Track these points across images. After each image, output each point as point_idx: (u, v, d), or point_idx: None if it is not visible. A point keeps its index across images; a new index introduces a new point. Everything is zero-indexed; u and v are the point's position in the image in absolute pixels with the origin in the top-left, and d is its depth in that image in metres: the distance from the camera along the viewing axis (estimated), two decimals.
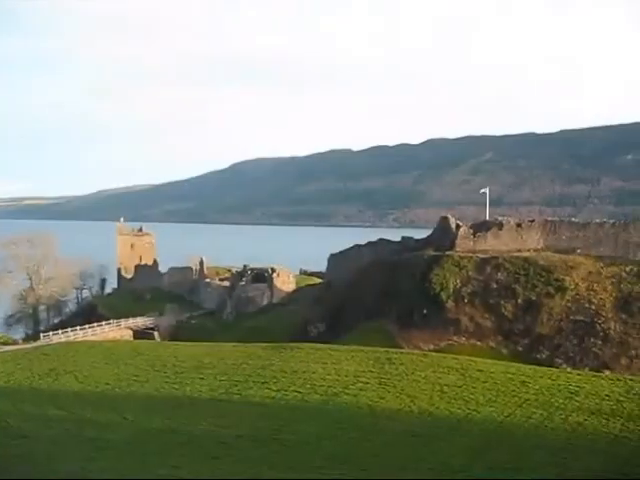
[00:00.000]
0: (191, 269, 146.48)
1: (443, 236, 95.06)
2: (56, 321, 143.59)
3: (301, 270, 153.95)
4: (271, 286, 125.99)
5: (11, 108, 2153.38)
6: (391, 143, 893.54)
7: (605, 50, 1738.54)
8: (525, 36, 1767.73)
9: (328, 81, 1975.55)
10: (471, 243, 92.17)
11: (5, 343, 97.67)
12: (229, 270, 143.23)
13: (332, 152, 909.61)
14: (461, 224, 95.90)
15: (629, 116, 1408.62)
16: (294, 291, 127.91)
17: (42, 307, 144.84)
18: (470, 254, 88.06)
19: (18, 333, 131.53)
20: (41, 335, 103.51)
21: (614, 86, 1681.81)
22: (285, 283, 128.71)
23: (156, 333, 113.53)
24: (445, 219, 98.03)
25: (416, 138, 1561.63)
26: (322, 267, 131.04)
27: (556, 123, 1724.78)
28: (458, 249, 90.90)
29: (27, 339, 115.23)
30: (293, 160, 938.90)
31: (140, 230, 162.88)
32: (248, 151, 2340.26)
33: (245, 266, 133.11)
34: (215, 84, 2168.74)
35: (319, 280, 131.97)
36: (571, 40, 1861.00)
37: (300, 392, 53.86)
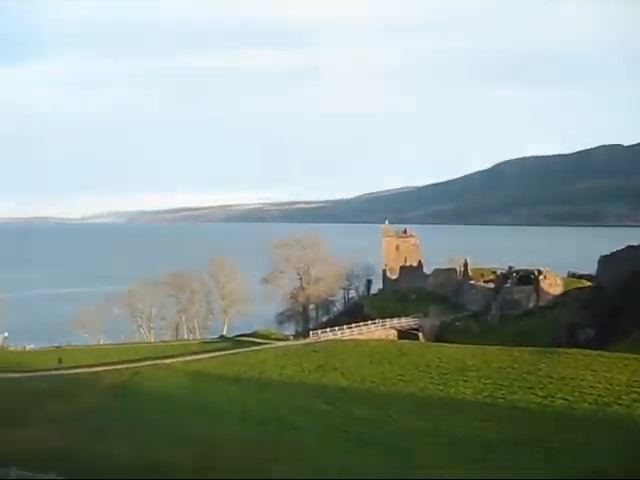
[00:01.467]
0: (455, 270, 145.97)
1: None
2: (324, 319, 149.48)
3: (569, 272, 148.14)
4: (537, 288, 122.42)
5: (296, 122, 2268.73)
6: None
7: None
8: None
9: (591, 75, 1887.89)
10: None
11: (277, 339, 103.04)
12: (494, 272, 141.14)
13: (601, 148, 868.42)
14: None
15: None
16: (561, 294, 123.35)
17: (311, 306, 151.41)
18: None
19: (289, 330, 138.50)
20: (310, 333, 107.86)
21: None
22: (552, 285, 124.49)
23: (420, 334, 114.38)
24: None
25: None
26: (592, 270, 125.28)
27: None
28: None
29: (297, 336, 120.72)
30: (559, 158, 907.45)
31: (404, 232, 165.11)
32: (512, 150, 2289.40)
33: (510, 268, 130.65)
34: (476, 83, 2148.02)
35: (588, 283, 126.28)
36: None
37: (567, 399, 51.69)
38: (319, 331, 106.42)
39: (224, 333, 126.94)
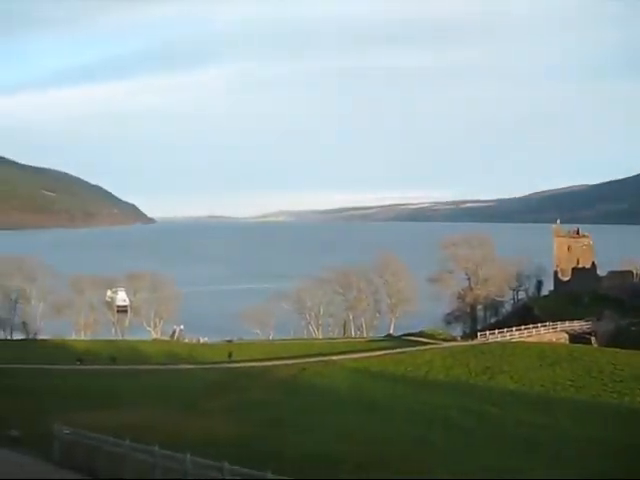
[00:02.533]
0: (632, 273, 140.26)
1: None
2: (492, 321, 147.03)
3: None
4: None
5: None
6: None
7: None
8: None
9: None
10: None
11: (444, 339, 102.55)
12: None
13: None
14: None
15: None
16: None
17: (479, 306, 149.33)
18: None
19: (456, 331, 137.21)
20: (478, 334, 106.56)
21: None
22: None
23: (593, 338, 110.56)
24: None
25: None
26: None
27: None
28: None
29: (465, 337, 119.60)
30: None
31: (577, 232, 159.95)
32: None
33: None
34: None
35: None
36: None
37: None
38: (487, 332, 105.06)
39: (391, 332, 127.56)
